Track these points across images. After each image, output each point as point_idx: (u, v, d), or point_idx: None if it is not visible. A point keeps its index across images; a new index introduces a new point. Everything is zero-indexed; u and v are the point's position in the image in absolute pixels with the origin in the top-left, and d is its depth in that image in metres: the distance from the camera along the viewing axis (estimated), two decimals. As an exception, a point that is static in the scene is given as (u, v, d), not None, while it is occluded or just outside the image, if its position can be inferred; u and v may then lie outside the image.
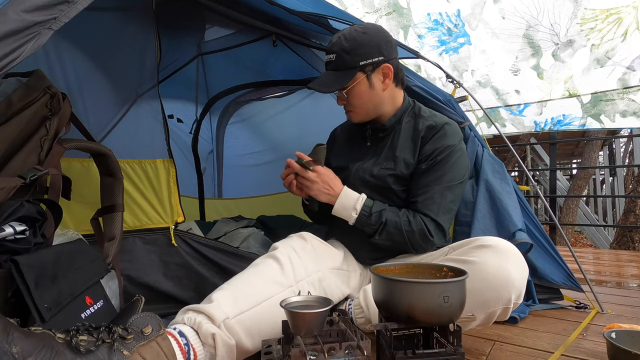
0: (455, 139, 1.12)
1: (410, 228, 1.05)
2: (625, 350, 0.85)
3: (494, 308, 0.89)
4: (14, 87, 0.81)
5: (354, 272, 1.15)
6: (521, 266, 0.90)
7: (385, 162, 1.15)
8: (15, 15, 0.64)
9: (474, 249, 0.94)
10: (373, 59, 1.09)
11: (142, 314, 0.71)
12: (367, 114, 1.17)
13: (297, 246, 1.02)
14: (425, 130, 1.12)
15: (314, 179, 1.08)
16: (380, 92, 1.13)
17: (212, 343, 0.77)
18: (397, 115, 1.18)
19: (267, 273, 0.94)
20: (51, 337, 0.59)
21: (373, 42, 1.09)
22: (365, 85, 1.11)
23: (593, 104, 2.14)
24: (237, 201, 2.55)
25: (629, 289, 1.73)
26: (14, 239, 0.71)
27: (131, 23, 1.31)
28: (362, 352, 0.68)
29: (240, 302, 0.84)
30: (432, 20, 2.10)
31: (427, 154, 1.10)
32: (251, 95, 2.41)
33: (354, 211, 1.07)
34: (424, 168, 1.10)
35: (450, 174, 1.09)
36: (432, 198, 1.07)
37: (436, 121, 1.14)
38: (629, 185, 6.47)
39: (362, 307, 1.00)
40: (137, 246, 1.19)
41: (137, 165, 1.21)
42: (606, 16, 1.76)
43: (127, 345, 0.64)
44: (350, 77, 1.09)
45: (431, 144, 1.10)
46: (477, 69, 2.22)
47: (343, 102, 1.16)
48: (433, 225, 1.06)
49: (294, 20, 1.46)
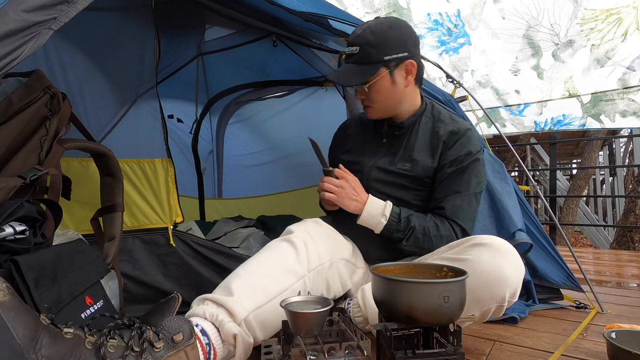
0: (478, 145, 1.12)
1: (438, 233, 1.04)
2: (625, 350, 0.85)
3: (488, 306, 0.89)
4: (14, 87, 0.81)
5: (359, 268, 1.15)
6: (516, 264, 0.90)
7: (401, 162, 1.12)
8: (15, 15, 0.64)
9: (469, 247, 0.94)
10: (398, 54, 1.06)
11: (176, 317, 0.70)
12: (387, 110, 1.13)
13: (313, 230, 1.02)
14: (447, 135, 1.11)
15: (342, 184, 1.05)
16: (401, 89, 1.10)
17: (232, 342, 0.77)
18: (417, 115, 1.16)
19: (283, 260, 0.93)
20: (81, 342, 0.59)
21: (399, 37, 1.07)
22: (388, 81, 1.08)
23: (593, 104, 2.14)
24: (237, 201, 2.55)
25: (629, 289, 1.73)
26: (14, 239, 0.71)
27: (131, 23, 1.31)
28: (362, 352, 0.68)
29: (258, 295, 0.84)
30: (432, 21, 2.10)
31: (451, 159, 1.08)
32: (251, 95, 2.41)
33: (384, 217, 1.04)
34: (449, 172, 1.08)
35: (476, 179, 1.09)
36: (461, 206, 1.06)
37: (459, 127, 1.12)
38: (629, 185, 6.46)
39: (360, 306, 1.00)
40: (137, 246, 1.19)
41: (136, 165, 1.21)
42: (606, 16, 1.76)
43: (155, 355, 0.63)
44: (373, 71, 1.06)
45: (455, 149, 1.09)
46: (477, 69, 2.22)
47: (362, 97, 1.12)
48: (460, 232, 1.06)
49: (294, 20, 1.46)
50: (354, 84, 1.09)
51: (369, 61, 1.06)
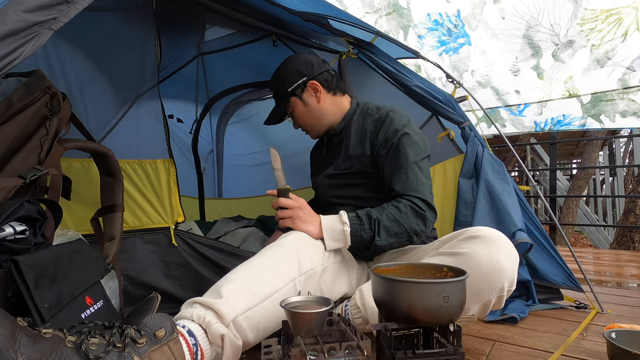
0: (402, 121, 1.16)
1: (401, 213, 1.05)
2: (625, 350, 0.85)
3: (488, 297, 0.90)
4: (14, 87, 0.81)
5: (351, 267, 1.15)
6: (511, 253, 0.91)
7: (342, 164, 1.22)
8: (15, 15, 0.64)
9: (463, 240, 0.95)
10: (297, 82, 1.23)
11: (157, 314, 0.70)
12: (316, 128, 1.28)
13: (306, 237, 1.03)
14: (372, 124, 1.19)
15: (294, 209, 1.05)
16: (317, 107, 1.25)
17: (220, 344, 0.77)
18: (346, 119, 1.27)
19: (275, 263, 0.94)
20: (61, 341, 0.58)
21: (291, 69, 1.24)
22: (301, 105, 1.25)
23: (593, 104, 2.14)
24: (237, 201, 2.55)
25: (629, 289, 1.73)
26: (14, 239, 0.71)
27: (131, 23, 1.31)
28: (362, 352, 0.68)
29: (248, 298, 0.84)
30: (432, 21, 2.10)
31: (381, 143, 1.15)
32: (251, 95, 2.41)
33: (345, 225, 1.03)
34: (384, 154, 1.14)
35: (412, 151, 1.12)
36: (408, 178, 1.09)
37: (380, 113, 1.20)
38: (629, 185, 6.47)
39: (359, 307, 0.99)
40: (137, 246, 1.19)
41: (137, 165, 1.21)
42: (606, 16, 1.76)
43: (138, 350, 0.63)
44: (286, 104, 1.25)
45: (382, 133, 1.16)
46: (477, 69, 2.22)
47: (296, 127, 1.31)
48: (419, 201, 1.07)
49: (294, 20, 1.46)
50: (277, 121, 1.30)
51: (281, 99, 1.27)
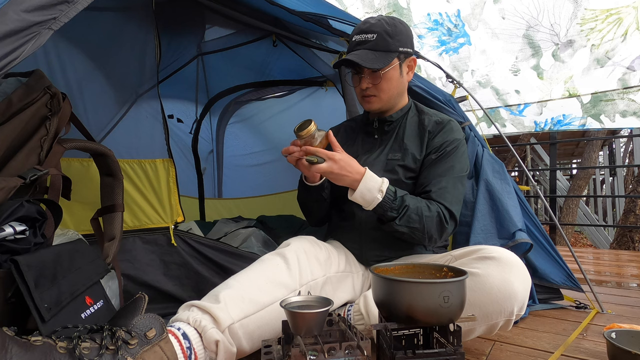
0: (460, 134, 1.17)
1: (430, 213, 1.03)
2: (625, 350, 0.85)
3: (496, 320, 0.88)
4: (13, 87, 0.81)
5: (356, 273, 1.15)
6: (524, 279, 0.89)
7: (393, 153, 1.16)
8: (15, 15, 0.64)
9: (477, 260, 0.93)
10: (408, 48, 1.13)
11: (145, 315, 0.70)
12: (388, 101, 1.16)
13: (307, 247, 1.03)
14: (432, 125, 1.16)
15: (330, 169, 0.98)
16: (404, 82, 1.18)
17: (214, 349, 0.77)
18: (404, 110, 1.22)
19: (275, 273, 0.93)
20: (52, 348, 0.58)
21: (408, 34, 1.14)
22: (397, 71, 1.13)
23: (593, 104, 2.14)
24: (237, 201, 2.55)
25: (629, 289, 1.73)
26: (14, 239, 0.71)
27: (131, 23, 1.31)
28: (362, 352, 0.68)
29: (246, 305, 0.84)
30: (432, 21, 2.10)
31: (436, 146, 1.12)
32: (251, 95, 2.41)
33: (380, 193, 1.00)
34: (434, 158, 1.12)
35: (459, 165, 1.12)
36: (446, 188, 1.07)
37: (441, 117, 1.19)
38: (629, 185, 6.47)
39: (363, 313, 0.98)
40: (137, 246, 1.19)
41: (137, 165, 1.21)
42: (606, 16, 1.76)
43: (130, 351, 0.63)
44: (390, 59, 1.10)
45: (440, 137, 1.13)
46: (477, 69, 2.22)
47: (368, 85, 1.12)
48: (447, 214, 1.05)
49: (294, 20, 1.46)
50: (374, 66, 1.09)
51: (386, 49, 1.09)
